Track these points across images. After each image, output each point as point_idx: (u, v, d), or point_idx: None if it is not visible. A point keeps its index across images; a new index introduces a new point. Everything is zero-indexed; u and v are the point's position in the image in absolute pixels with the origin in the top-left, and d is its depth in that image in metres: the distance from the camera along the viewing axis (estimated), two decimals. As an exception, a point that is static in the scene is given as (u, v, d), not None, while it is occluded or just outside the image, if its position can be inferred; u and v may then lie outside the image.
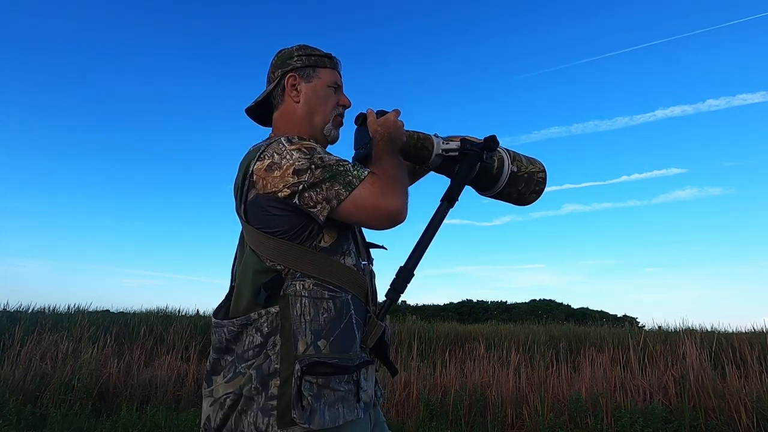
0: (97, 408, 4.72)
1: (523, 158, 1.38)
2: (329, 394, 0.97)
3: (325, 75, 1.22)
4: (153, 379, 5.43)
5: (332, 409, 0.96)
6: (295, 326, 0.99)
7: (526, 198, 1.40)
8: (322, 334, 1.00)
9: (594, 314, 24.23)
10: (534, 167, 1.38)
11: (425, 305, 28.52)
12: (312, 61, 1.22)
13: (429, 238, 1.17)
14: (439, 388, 5.07)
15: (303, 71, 1.21)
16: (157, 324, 8.26)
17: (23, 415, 4.19)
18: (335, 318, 1.02)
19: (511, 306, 30.74)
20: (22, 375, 5.01)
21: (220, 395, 1.01)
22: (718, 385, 4.48)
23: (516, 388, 4.92)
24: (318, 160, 1.02)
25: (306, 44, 1.26)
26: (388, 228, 1.08)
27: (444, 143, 1.27)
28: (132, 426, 4.04)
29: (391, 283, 1.13)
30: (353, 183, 1.01)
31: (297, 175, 1.00)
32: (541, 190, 1.40)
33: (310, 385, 0.95)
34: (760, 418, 3.99)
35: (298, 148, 1.04)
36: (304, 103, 1.20)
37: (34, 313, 9.44)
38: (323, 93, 1.21)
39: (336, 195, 1.00)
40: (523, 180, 1.35)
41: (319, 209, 1.00)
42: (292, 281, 1.02)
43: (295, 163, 1.01)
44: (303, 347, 0.98)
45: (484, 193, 1.40)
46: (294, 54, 1.22)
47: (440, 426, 4.36)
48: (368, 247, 1.23)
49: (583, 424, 4.21)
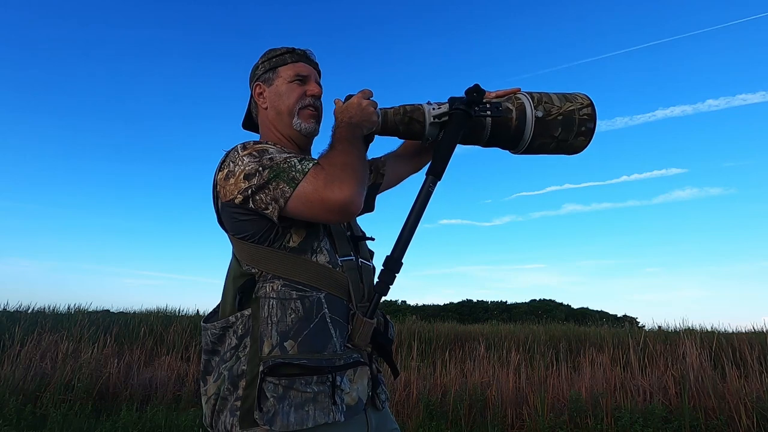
0: (97, 408, 4.72)
1: (554, 97, 1.16)
2: (295, 395, 0.95)
3: (285, 72, 1.20)
4: (153, 379, 5.43)
5: (300, 411, 0.94)
6: (263, 328, 0.99)
7: (571, 144, 1.18)
8: (290, 335, 0.98)
9: (594, 314, 24.21)
10: (572, 104, 1.15)
11: (425, 305, 28.52)
12: (273, 63, 1.21)
13: (416, 219, 1.08)
14: (439, 388, 5.07)
15: (265, 76, 1.22)
16: (157, 324, 8.26)
17: (23, 415, 4.19)
18: (303, 318, 1.00)
19: (511, 306, 30.72)
20: (22, 375, 5.01)
21: (211, 394, 1.03)
22: (718, 385, 4.48)
23: (516, 388, 4.92)
24: (267, 160, 1.00)
25: (271, 48, 1.24)
26: (340, 221, 1.05)
27: (434, 109, 1.13)
28: (132, 426, 4.04)
29: (379, 275, 1.08)
30: (297, 178, 0.97)
31: (247, 179, 1.00)
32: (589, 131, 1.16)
33: (274, 386, 0.94)
34: (760, 418, 3.99)
35: (249, 152, 1.03)
36: (270, 106, 1.20)
37: (34, 313, 9.44)
38: (284, 90, 1.19)
39: (282, 193, 0.97)
40: (557, 124, 1.14)
41: (270, 210, 0.98)
42: (264, 283, 1.02)
43: (246, 168, 1.01)
44: (268, 349, 0.98)
45: (515, 151, 1.22)
46: (259, 63, 1.24)
47: (440, 426, 4.36)
48: (357, 240, 1.19)
49: (583, 424, 4.21)
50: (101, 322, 8.01)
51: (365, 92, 1.14)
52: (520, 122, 1.14)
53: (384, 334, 1.14)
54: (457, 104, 1.11)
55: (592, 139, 1.18)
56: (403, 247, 1.07)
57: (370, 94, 1.15)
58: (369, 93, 1.14)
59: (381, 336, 1.11)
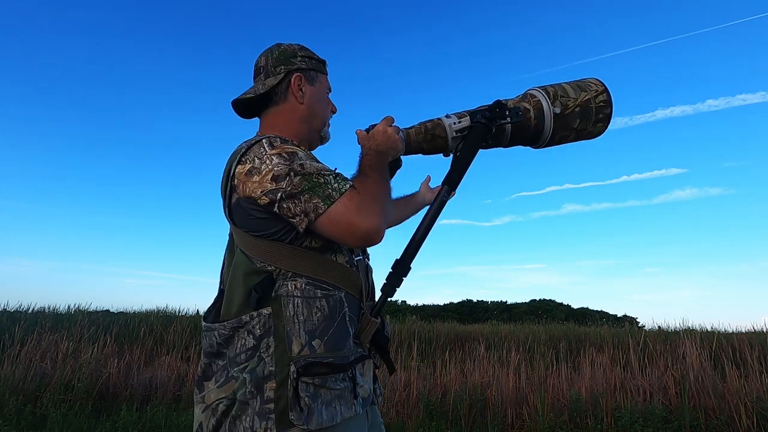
0: (97, 408, 4.72)
1: (569, 88, 1.17)
2: (326, 393, 0.97)
3: (324, 81, 1.26)
4: (153, 379, 5.43)
5: (329, 407, 0.96)
6: (289, 327, 0.98)
7: (590, 132, 1.20)
8: (317, 334, 0.99)
9: (594, 314, 24.21)
10: (587, 93, 1.16)
11: (425, 305, 28.54)
12: (314, 65, 1.23)
13: (427, 227, 1.10)
14: (439, 388, 5.07)
15: (308, 74, 1.22)
16: (157, 324, 8.25)
17: (23, 415, 4.19)
18: (329, 317, 1.01)
19: (511, 306, 30.72)
20: (22, 375, 5.01)
21: (212, 401, 0.99)
22: (718, 385, 4.48)
23: (516, 388, 4.92)
24: (298, 166, 0.99)
25: (304, 46, 1.26)
26: (360, 247, 1.05)
27: (455, 123, 1.15)
28: (132, 426, 4.04)
29: (387, 277, 1.09)
30: (332, 197, 0.97)
31: (275, 181, 0.98)
32: (606, 116, 1.18)
33: (306, 386, 0.95)
34: (760, 418, 3.99)
35: (278, 152, 1.01)
36: (308, 105, 1.20)
37: (34, 313, 9.44)
38: (324, 97, 1.25)
39: (314, 208, 0.96)
40: (576, 116, 1.15)
41: (298, 221, 0.98)
42: (284, 281, 1.01)
43: (274, 168, 0.98)
44: (298, 348, 0.97)
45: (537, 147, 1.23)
46: (297, 54, 1.22)
47: (440, 426, 4.36)
48: None
49: (583, 424, 4.21)
50: (101, 322, 8.01)
51: (388, 119, 1.15)
52: (539, 121, 1.15)
53: (382, 332, 1.15)
54: (479, 117, 1.12)
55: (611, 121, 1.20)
56: (414, 252, 1.09)
57: (393, 120, 1.16)
58: (391, 119, 1.16)
59: (380, 334, 1.13)
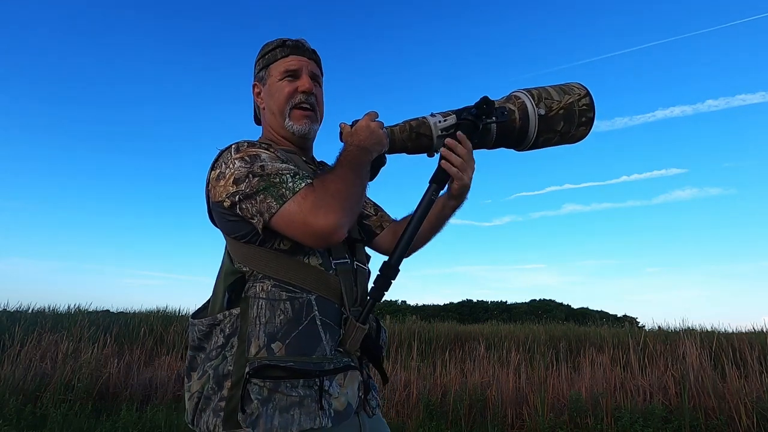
0: (97, 408, 4.73)
1: (553, 91, 1.18)
2: (280, 398, 0.93)
3: (275, 69, 1.17)
4: (153, 379, 5.43)
5: (284, 414, 0.92)
6: (251, 328, 0.97)
7: (573, 135, 1.21)
8: (278, 337, 0.96)
9: (594, 314, 24.18)
10: (570, 96, 1.17)
11: (425, 305, 28.49)
12: (265, 61, 1.18)
13: (416, 226, 1.08)
14: (439, 388, 5.07)
15: (260, 75, 1.20)
16: (157, 324, 8.27)
17: (23, 415, 4.19)
18: (292, 319, 0.98)
19: (511, 306, 30.70)
20: (22, 375, 5.01)
21: (194, 391, 1.02)
22: (718, 385, 4.48)
23: (516, 388, 4.92)
24: (258, 168, 0.98)
25: (266, 41, 1.21)
26: (320, 247, 1.01)
27: (441, 122, 1.14)
28: (132, 426, 4.04)
29: (375, 280, 1.06)
30: (285, 196, 0.95)
31: (236, 184, 0.98)
32: (589, 120, 1.19)
33: (258, 388, 0.93)
34: (760, 418, 3.99)
35: (241, 156, 1.01)
36: (266, 107, 1.19)
37: (34, 313, 9.45)
38: (275, 89, 1.16)
39: (267, 208, 0.95)
40: (559, 119, 1.16)
41: (256, 222, 0.98)
42: (254, 283, 1.01)
43: (235, 171, 0.99)
44: (255, 350, 0.96)
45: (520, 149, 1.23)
46: (256, 60, 1.21)
47: (440, 426, 4.36)
48: (354, 243, 1.16)
49: (583, 424, 4.21)
50: (101, 322, 8.01)
51: (371, 114, 1.10)
52: (523, 122, 1.15)
53: (375, 340, 1.12)
54: (465, 115, 1.11)
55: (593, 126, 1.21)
56: (401, 253, 1.07)
57: (377, 115, 1.11)
58: (375, 114, 1.11)
59: (371, 341, 1.09)
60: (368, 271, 1.17)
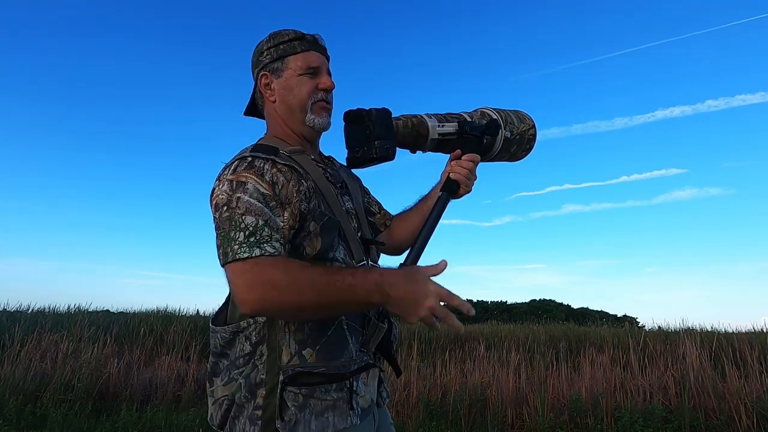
0: (97, 408, 4.72)
1: (513, 117, 1.32)
2: (316, 403, 0.96)
3: (294, 63, 1.11)
4: (153, 379, 5.43)
5: (320, 418, 0.95)
6: (280, 336, 0.98)
7: (516, 156, 1.37)
8: (308, 343, 0.98)
9: (594, 314, 24.19)
10: (524, 125, 1.33)
11: (425, 305, 28.38)
12: (280, 52, 1.12)
13: (429, 231, 1.14)
14: (439, 388, 5.07)
15: (272, 66, 1.13)
16: (157, 324, 8.26)
17: (23, 415, 4.19)
18: (321, 326, 0.99)
19: (511, 306, 30.71)
20: (22, 375, 5.01)
21: (219, 396, 1.02)
22: (718, 385, 4.48)
23: (516, 388, 4.92)
24: (235, 201, 0.95)
25: (277, 30, 1.15)
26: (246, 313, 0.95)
27: (439, 126, 1.20)
28: (132, 426, 4.04)
29: None
30: (227, 256, 0.92)
31: (215, 208, 0.99)
32: (531, 147, 1.37)
33: (294, 395, 0.95)
34: (760, 418, 3.99)
35: (231, 179, 0.98)
36: (280, 101, 1.13)
37: (34, 313, 9.43)
38: (295, 83, 1.11)
39: (222, 253, 0.94)
40: (515, 143, 1.31)
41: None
42: None
43: (219, 195, 0.99)
44: (287, 357, 0.97)
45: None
46: (264, 48, 1.14)
47: (440, 426, 4.36)
48: (367, 243, 1.16)
49: (583, 424, 4.22)
50: (101, 322, 8.00)
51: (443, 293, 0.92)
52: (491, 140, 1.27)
53: (387, 335, 1.14)
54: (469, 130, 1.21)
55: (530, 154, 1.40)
56: (416, 257, 1.11)
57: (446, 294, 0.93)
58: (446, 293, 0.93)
59: (385, 338, 1.11)
60: None
